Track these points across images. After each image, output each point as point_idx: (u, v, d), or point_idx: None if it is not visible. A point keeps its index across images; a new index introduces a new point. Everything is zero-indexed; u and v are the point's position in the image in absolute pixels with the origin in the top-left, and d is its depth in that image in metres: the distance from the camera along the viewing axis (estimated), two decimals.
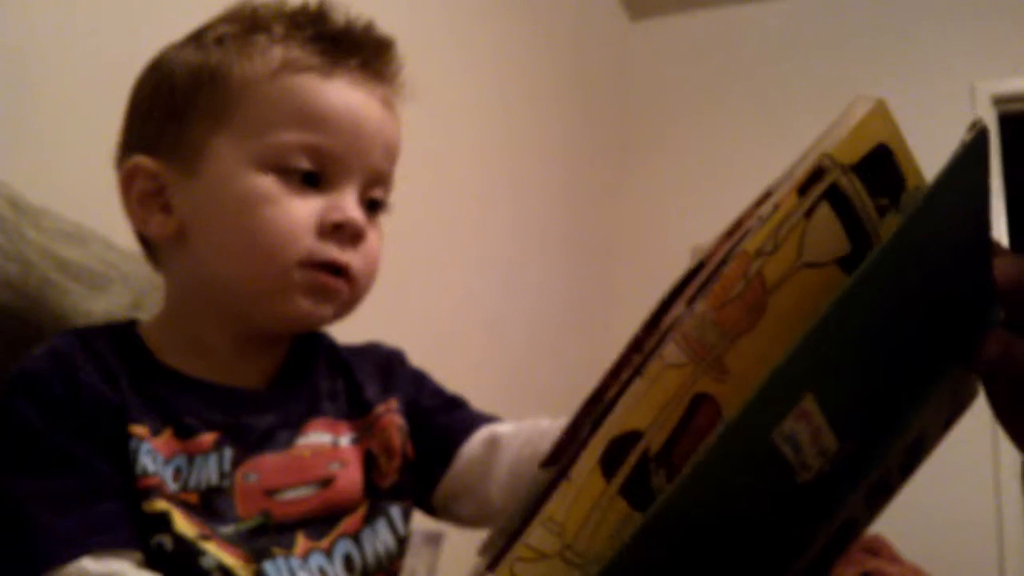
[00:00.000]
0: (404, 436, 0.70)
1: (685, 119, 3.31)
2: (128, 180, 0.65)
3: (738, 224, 0.39)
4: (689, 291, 0.38)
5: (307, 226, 0.62)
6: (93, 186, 0.68)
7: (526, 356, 2.46)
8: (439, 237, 2.07)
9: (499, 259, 2.41)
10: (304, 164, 0.62)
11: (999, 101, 2.88)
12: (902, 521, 0.70)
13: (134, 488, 0.57)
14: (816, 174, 0.36)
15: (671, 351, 0.36)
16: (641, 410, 0.36)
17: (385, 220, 0.70)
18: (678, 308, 0.37)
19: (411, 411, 0.72)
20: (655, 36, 3.45)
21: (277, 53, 0.63)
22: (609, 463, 0.37)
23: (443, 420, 0.72)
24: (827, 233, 0.36)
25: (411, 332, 0.78)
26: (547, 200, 2.72)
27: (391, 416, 0.70)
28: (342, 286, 0.63)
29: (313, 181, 0.63)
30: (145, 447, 0.58)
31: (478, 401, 0.77)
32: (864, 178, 0.37)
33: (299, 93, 0.63)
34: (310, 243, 0.62)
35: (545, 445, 0.66)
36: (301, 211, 0.62)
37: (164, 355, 0.64)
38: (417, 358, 0.79)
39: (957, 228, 0.39)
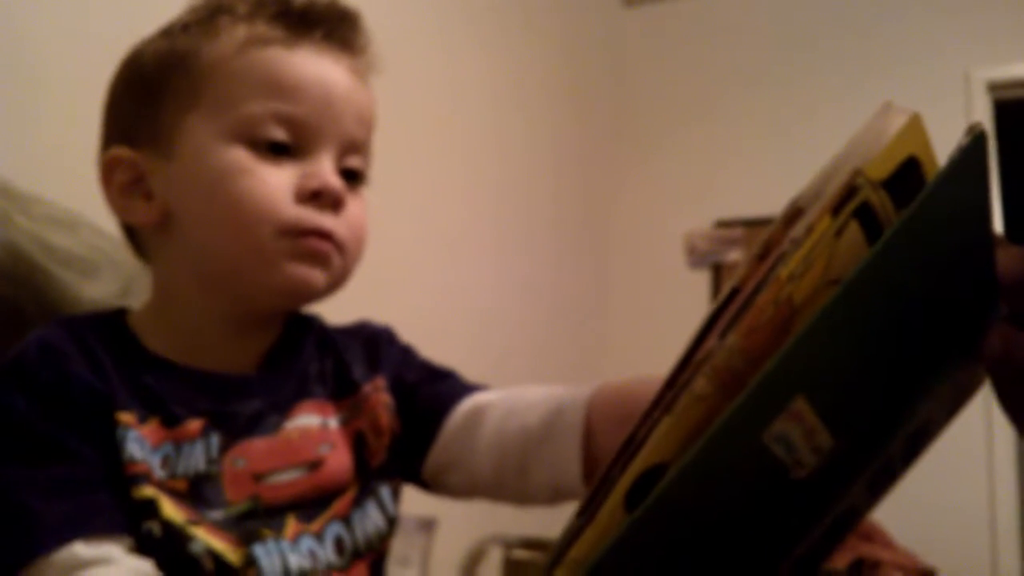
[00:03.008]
0: (391, 413, 0.70)
1: (679, 107, 3.30)
2: (108, 172, 0.66)
3: (768, 246, 0.38)
4: (722, 322, 0.37)
5: (284, 193, 0.62)
6: (83, 172, 0.68)
7: (515, 354, 2.45)
8: (423, 231, 2.05)
9: (486, 253, 2.39)
10: (276, 134, 0.63)
11: (994, 87, 2.89)
12: (896, 507, 0.70)
13: (122, 475, 0.57)
14: (849, 193, 0.35)
15: (700, 384, 0.36)
16: (667, 443, 0.36)
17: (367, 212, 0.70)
18: (711, 341, 0.37)
19: (397, 386, 0.72)
20: (649, 23, 3.44)
21: (241, 31, 0.64)
22: (633, 498, 0.37)
23: (428, 393, 0.72)
24: (853, 250, 0.36)
25: (395, 326, 0.78)
26: (537, 191, 2.70)
27: (378, 395, 0.70)
28: (328, 248, 0.63)
29: (287, 151, 0.63)
30: (132, 434, 0.59)
31: None
32: (892, 192, 0.36)
33: (265, 64, 0.64)
34: (289, 210, 0.62)
35: (528, 416, 0.66)
36: (276, 179, 0.62)
37: (152, 343, 0.65)
38: None
39: (956, 229, 0.38)
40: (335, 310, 0.72)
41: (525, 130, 2.63)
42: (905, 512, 1.36)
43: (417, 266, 2.00)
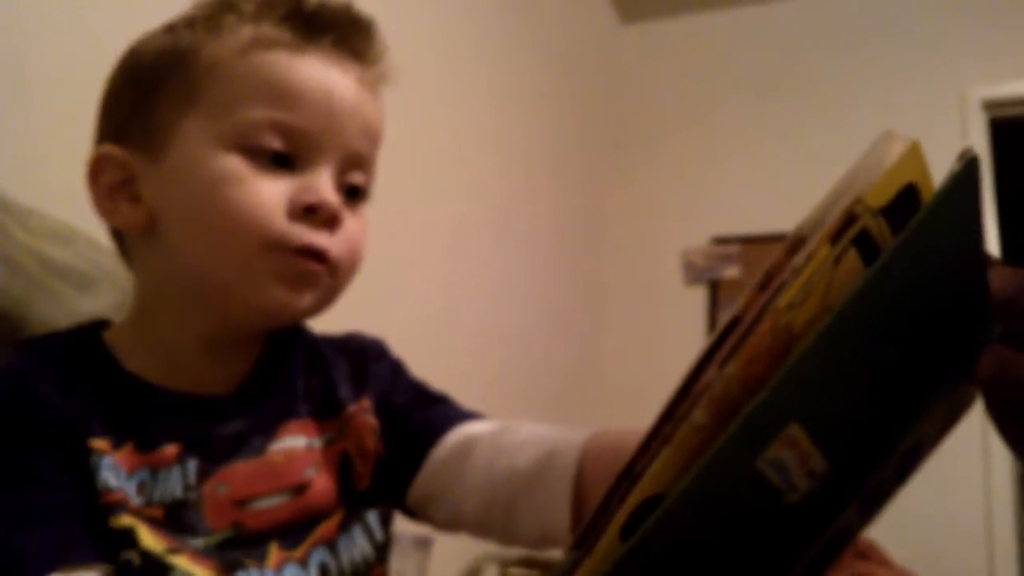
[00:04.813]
0: (376, 437, 0.67)
1: (676, 123, 3.32)
2: (96, 171, 0.62)
3: (769, 275, 0.38)
4: (722, 352, 0.37)
5: (276, 207, 0.58)
6: (80, 185, 0.67)
7: (512, 368, 2.44)
8: (423, 241, 2.05)
9: (483, 267, 2.39)
10: (274, 143, 0.59)
11: (990, 106, 2.90)
12: (892, 524, 0.70)
13: (98, 504, 0.54)
14: (848, 221, 0.35)
15: (698, 415, 0.36)
16: (665, 474, 0.36)
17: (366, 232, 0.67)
18: (710, 372, 0.37)
19: (384, 408, 0.68)
20: (646, 39, 3.46)
21: (247, 31, 0.60)
22: (629, 529, 0.36)
23: (416, 418, 0.68)
24: (852, 277, 0.36)
25: (391, 339, 0.76)
26: (535, 203, 2.71)
27: (363, 417, 0.67)
28: (318, 269, 0.60)
29: (285, 163, 0.60)
30: (106, 461, 0.56)
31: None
32: (891, 219, 0.36)
33: (268, 69, 0.60)
34: (280, 225, 0.58)
35: (518, 457, 0.62)
36: (270, 191, 0.58)
37: (129, 361, 0.61)
38: None
39: (949, 253, 0.38)
40: (329, 316, 0.72)
41: (524, 145, 2.64)
42: (902, 528, 1.35)
43: (414, 276, 2.00)
